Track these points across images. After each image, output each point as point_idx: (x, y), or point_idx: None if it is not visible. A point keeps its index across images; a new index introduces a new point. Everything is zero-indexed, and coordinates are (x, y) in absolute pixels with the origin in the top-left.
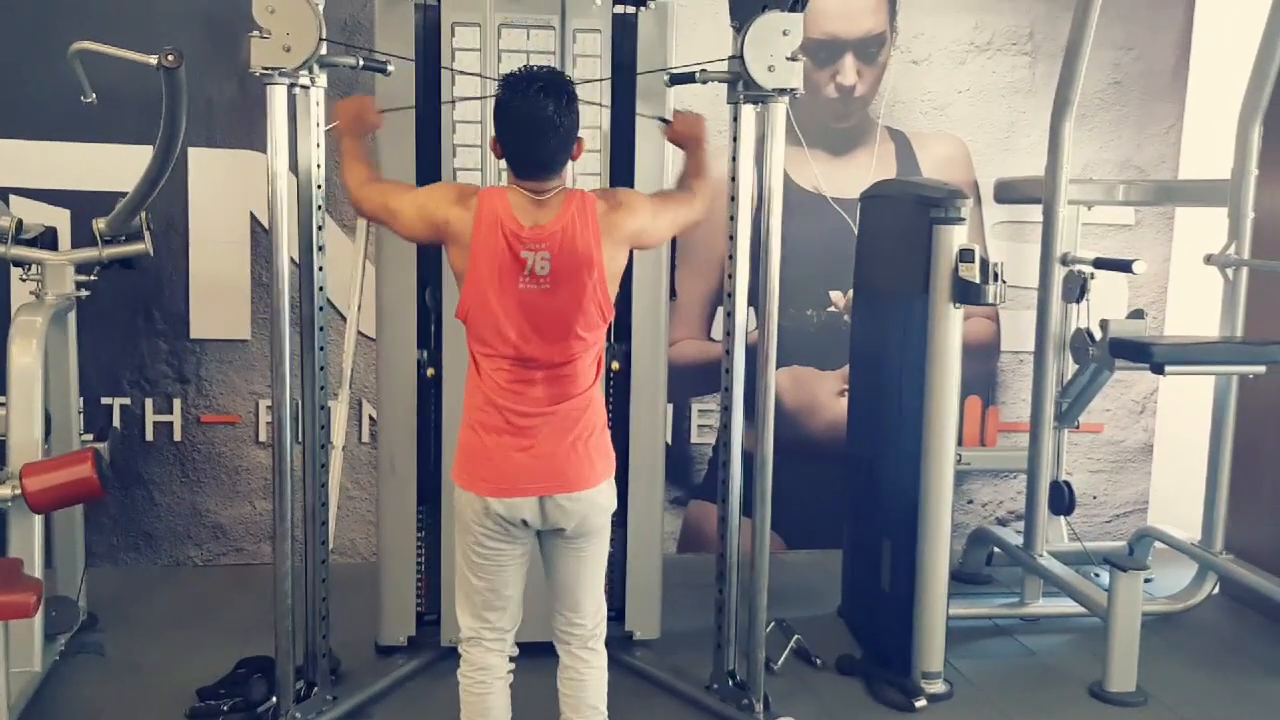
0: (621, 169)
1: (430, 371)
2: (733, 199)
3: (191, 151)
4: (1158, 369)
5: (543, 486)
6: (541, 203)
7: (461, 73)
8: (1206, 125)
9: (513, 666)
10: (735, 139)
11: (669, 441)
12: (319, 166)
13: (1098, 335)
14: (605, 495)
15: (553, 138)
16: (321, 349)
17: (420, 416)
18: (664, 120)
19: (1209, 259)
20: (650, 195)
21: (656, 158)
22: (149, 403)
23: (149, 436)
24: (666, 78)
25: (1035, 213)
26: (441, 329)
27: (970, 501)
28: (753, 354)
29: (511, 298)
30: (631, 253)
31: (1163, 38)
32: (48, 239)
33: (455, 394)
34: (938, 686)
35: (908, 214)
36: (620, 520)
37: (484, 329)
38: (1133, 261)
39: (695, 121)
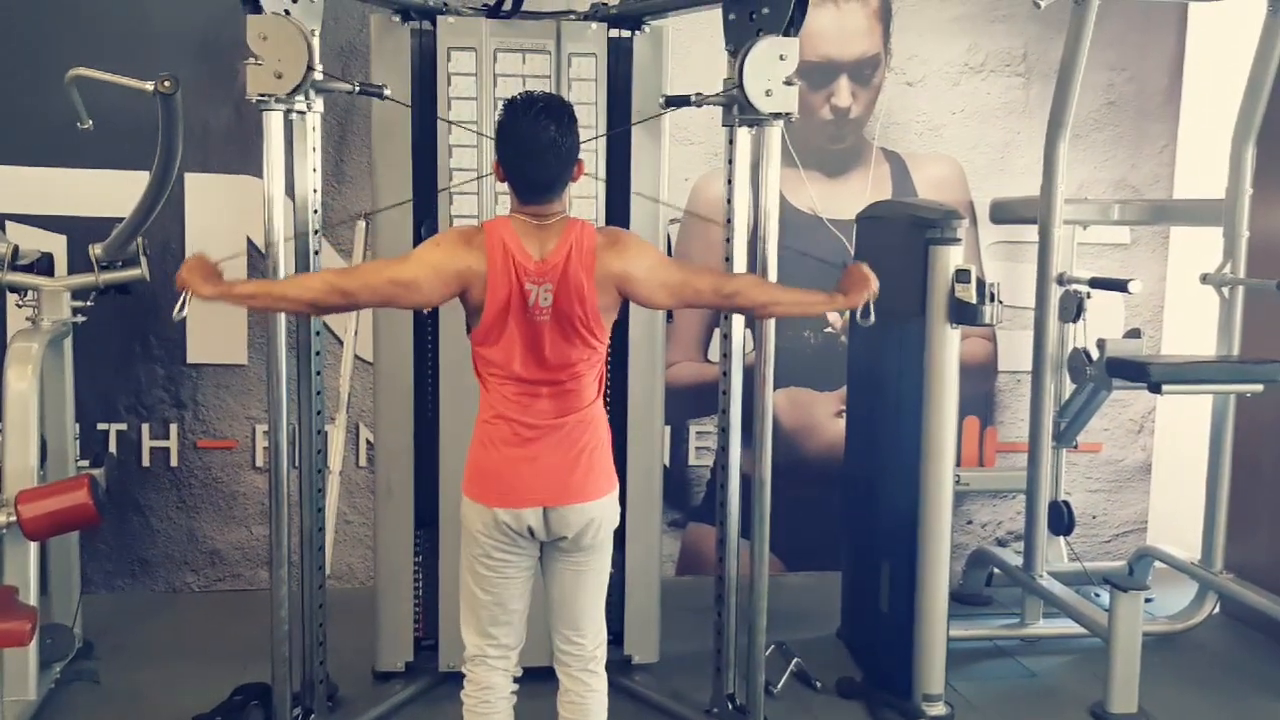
0: (617, 191)
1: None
2: (729, 221)
3: (188, 177)
4: (1155, 388)
5: (547, 497)
6: (544, 228)
7: (458, 123)
8: (1201, 145)
9: (516, 687)
10: (731, 161)
11: (666, 464)
12: (315, 191)
13: (1095, 355)
14: (608, 508)
15: (554, 159)
16: (318, 373)
17: (418, 440)
18: (843, 264)
19: (1205, 278)
20: (669, 257)
21: (651, 180)
22: (145, 428)
23: (145, 462)
24: (662, 100)
25: (1031, 233)
26: (438, 326)
27: (969, 522)
28: (750, 375)
29: (518, 327)
30: None
31: (1155, 58)
32: (44, 265)
33: (453, 418)
34: (938, 708)
35: (904, 235)
36: (618, 543)
37: (493, 354)
38: (1129, 281)
39: (864, 284)
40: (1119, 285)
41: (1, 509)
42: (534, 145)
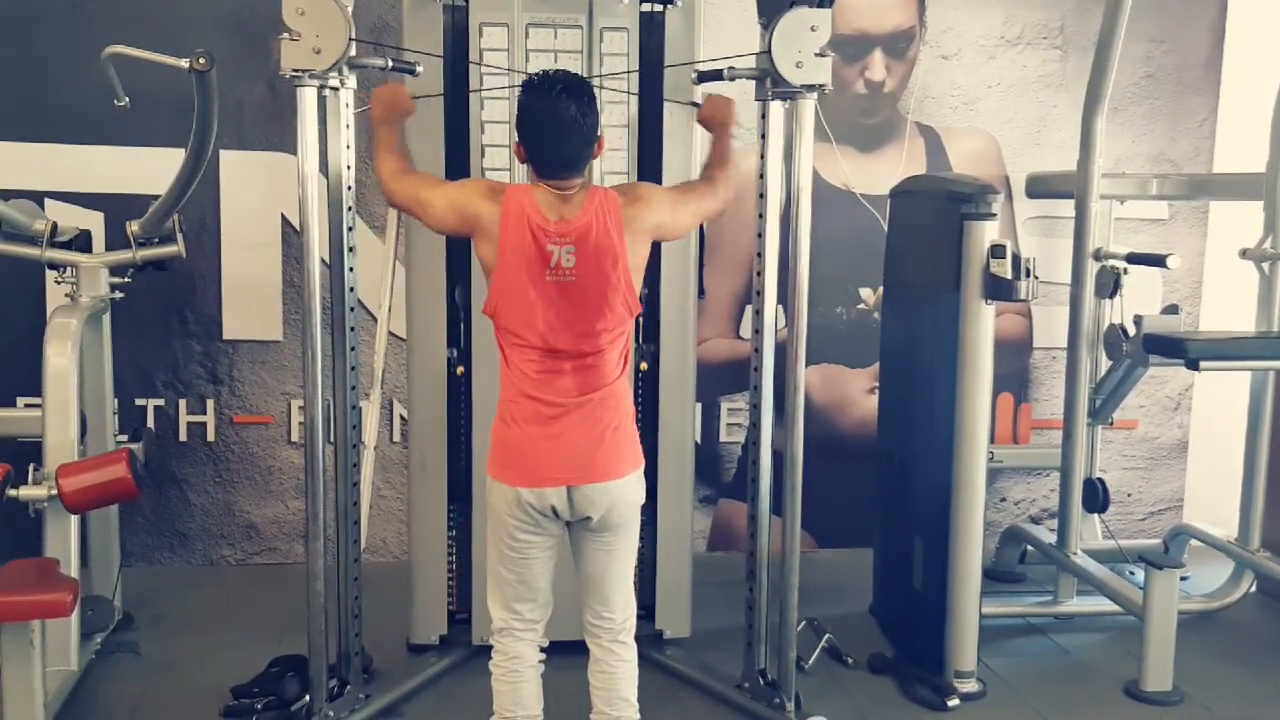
0: (649, 166)
1: (460, 370)
2: (761, 196)
3: (223, 154)
4: (1192, 364)
5: (570, 476)
6: (566, 198)
7: (491, 70)
8: (1241, 118)
9: (543, 657)
10: (764, 136)
11: (698, 440)
12: (349, 168)
13: (1131, 331)
14: (633, 487)
15: (575, 137)
16: (353, 349)
17: (451, 416)
18: (695, 104)
19: (1244, 253)
20: (671, 188)
21: (684, 155)
22: (182, 403)
23: (183, 437)
24: (694, 75)
25: (1067, 208)
26: (470, 327)
27: (1003, 499)
28: (782, 352)
29: (538, 290)
30: (659, 250)
31: (1195, 29)
32: (82, 242)
33: (486, 393)
34: (971, 685)
35: (938, 210)
36: (650, 519)
37: (512, 321)
38: (1167, 256)
39: (725, 105)
40: (1157, 261)
41: (43, 482)
42: (555, 125)
